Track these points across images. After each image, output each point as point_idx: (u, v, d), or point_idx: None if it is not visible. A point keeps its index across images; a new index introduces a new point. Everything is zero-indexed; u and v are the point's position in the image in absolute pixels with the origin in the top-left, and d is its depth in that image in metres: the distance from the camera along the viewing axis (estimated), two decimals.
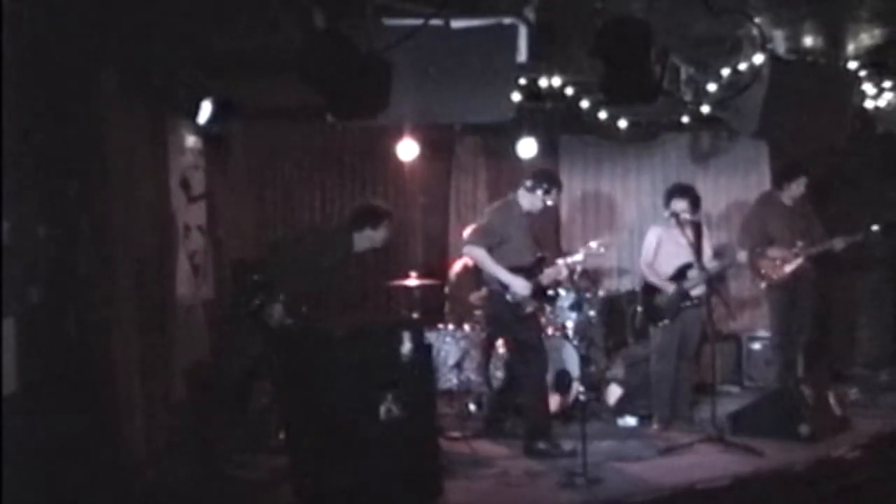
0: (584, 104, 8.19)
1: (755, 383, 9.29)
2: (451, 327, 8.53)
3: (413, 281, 8.46)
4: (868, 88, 8.13)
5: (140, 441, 6.20)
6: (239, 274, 7.37)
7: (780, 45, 7.28)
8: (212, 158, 7.80)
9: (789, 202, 8.47)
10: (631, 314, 9.06)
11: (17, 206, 4.60)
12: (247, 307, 6.65)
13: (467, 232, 7.46)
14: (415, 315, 8.38)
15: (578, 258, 7.61)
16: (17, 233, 4.60)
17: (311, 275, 6.75)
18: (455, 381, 8.15)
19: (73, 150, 5.36)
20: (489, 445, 7.24)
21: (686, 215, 7.60)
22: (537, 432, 6.98)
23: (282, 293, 6.65)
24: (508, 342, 7.51)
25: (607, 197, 10.53)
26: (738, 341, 9.57)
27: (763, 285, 8.60)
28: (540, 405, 7.11)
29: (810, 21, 6.97)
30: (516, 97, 7.48)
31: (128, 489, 5.61)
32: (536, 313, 7.31)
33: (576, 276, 7.75)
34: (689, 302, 7.65)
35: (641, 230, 9.08)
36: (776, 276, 8.37)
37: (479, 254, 7.08)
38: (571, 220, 10.46)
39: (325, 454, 5.46)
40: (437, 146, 9.80)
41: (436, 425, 6.42)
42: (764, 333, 9.24)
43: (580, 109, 8.27)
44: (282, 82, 6.74)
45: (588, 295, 8.69)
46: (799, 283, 8.40)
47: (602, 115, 8.49)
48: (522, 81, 7.59)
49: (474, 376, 8.23)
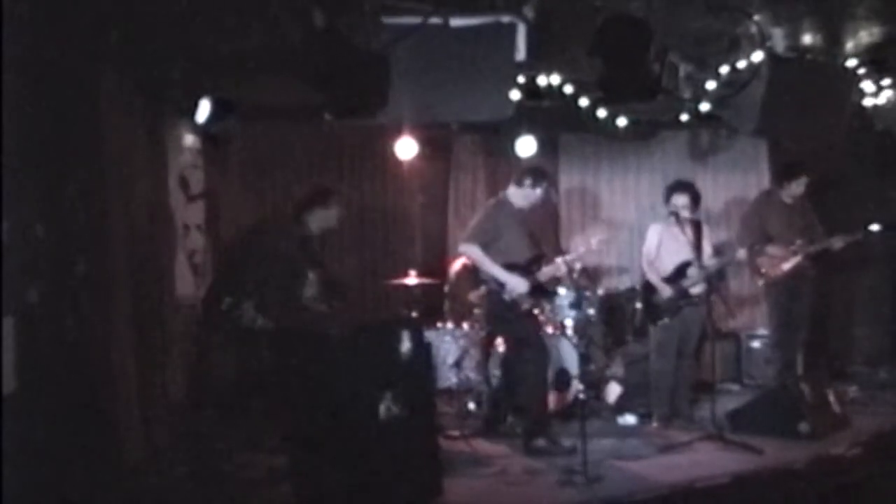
0: (584, 102, 8.18)
1: (754, 381, 9.28)
2: (451, 326, 8.53)
3: (412, 280, 8.46)
4: (867, 86, 8.12)
5: (139, 440, 6.20)
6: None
7: (779, 43, 7.28)
8: (211, 157, 7.80)
9: (789, 200, 8.47)
10: (630, 312, 9.06)
11: (16, 206, 4.59)
12: (217, 310, 6.51)
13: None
14: (414, 314, 8.38)
15: (576, 255, 7.61)
16: (16, 232, 4.59)
17: (274, 266, 6.61)
18: (454, 380, 8.15)
19: (72, 150, 5.35)
20: (488, 444, 7.24)
21: (686, 213, 7.60)
22: (537, 430, 6.98)
23: (249, 291, 6.52)
24: (507, 340, 7.50)
25: (606, 195, 10.52)
26: (738, 339, 9.56)
27: (762, 283, 8.60)
28: (539, 403, 7.10)
29: (809, 19, 6.97)
30: (515, 95, 7.47)
31: (126, 489, 5.61)
32: (534, 311, 7.31)
33: (575, 275, 7.74)
34: (689, 300, 7.65)
35: (641, 228, 9.08)
36: (775, 275, 8.36)
37: (474, 251, 7.09)
38: (571, 219, 10.45)
39: (325, 453, 5.46)
40: (436, 145, 9.80)
41: (435, 424, 6.41)
42: (763, 331, 9.25)
43: (579, 108, 8.25)
44: (281, 81, 6.75)
45: (587, 293, 8.68)
46: (798, 282, 8.40)
47: (601, 114, 8.48)
48: (521, 80, 7.57)
49: (473, 375, 8.22)
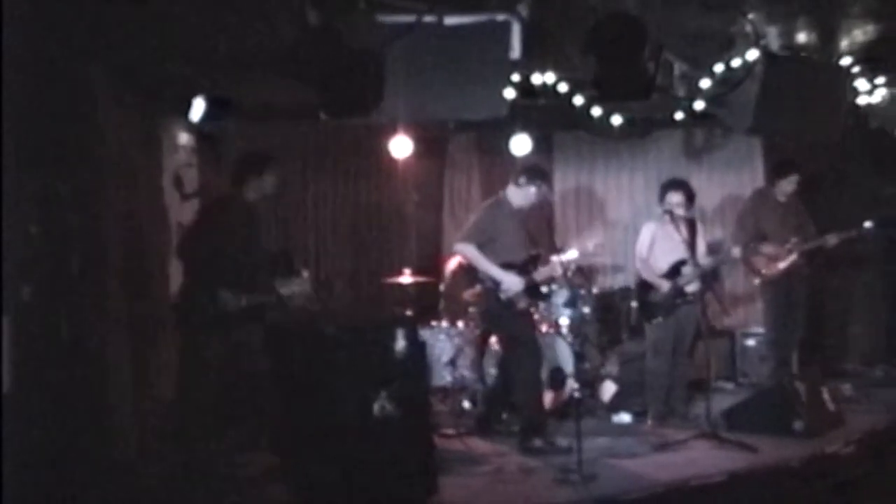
0: (578, 101, 8.17)
1: (749, 380, 9.29)
2: (446, 324, 8.54)
3: (407, 278, 8.45)
4: (861, 84, 8.13)
5: (133, 439, 6.19)
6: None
7: (774, 42, 7.28)
8: (205, 156, 7.79)
9: (782, 198, 8.48)
10: (625, 311, 9.07)
11: (11, 205, 4.59)
12: (197, 308, 6.23)
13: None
14: (409, 312, 8.38)
15: (573, 256, 7.61)
16: (10, 231, 4.59)
17: (227, 244, 6.37)
18: (449, 379, 8.15)
19: (67, 149, 5.35)
20: (483, 442, 7.23)
21: (681, 211, 7.60)
22: (532, 429, 6.98)
23: (219, 277, 6.28)
24: (502, 339, 7.50)
25: (601, 194, 10.53)
26: (733, 338, 9.56)
27: (757, 282, 8.61)
28: (534, 402, 7.10)
29: (803, 17, 6.98)
30: (510, 94, 7.47)
31: (121, 487, 5.60)
32: (530, 310, 7.30)
33: (570, 273, 7.73)
34: (684, 298, 7.65)
35: (635, 227, 9.08)
36: (770, 273, 8.37)
37: (470, 251, 7.08)
38: (565, 217, 10.46)
39: (319, 452, 5.45)
40: (431, 143, 9.80)
41: (430, 422, 6.40)
42: (758, 330, 9.25)
43: (574, 106, 8.25)
44: (275, 80, 6.73)
45: (582, 292, 8.69)
46: (793, 280, 8.41)
47: (596, 112, 8.47)
48: (516, 78, 7.57)
49: (468, 373, 8.22)
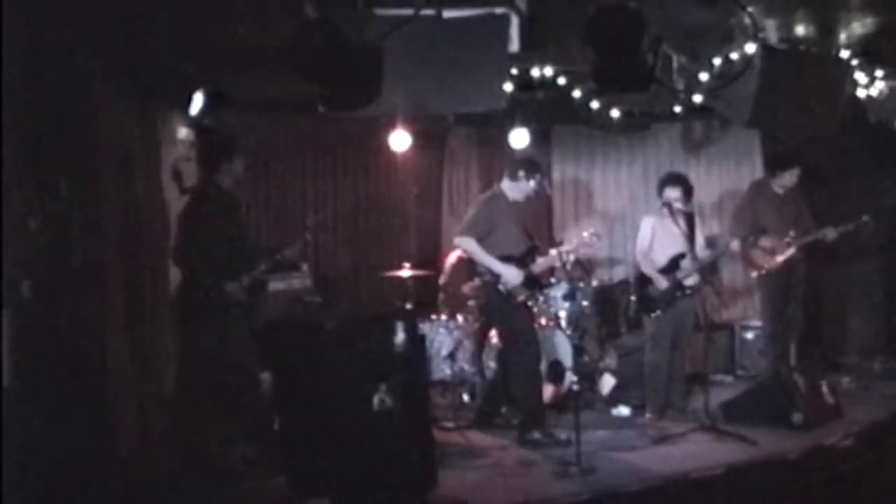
0: (577, 94, 8.17)
1: (748, 373, 9.30)
2: (445, 318, 8.53)
3: (406, 272, 8.46)
4: (860, 77, 8.12)
5: (133, 434, 6.20)
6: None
7: (773, 34, 7.28)
8: (204, 150, 7.78)
9: (780, 191, 8.46)
10: (624, 304, 9.07)
11: (9, 199, 4.58)
12: (204, 302, 6.24)
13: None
14: (408, 306, 8.38)
15: (570, 248, 7.61)
16: (9, 227, 4.59)
17: (217, 235, 6.38)
18: (448, 372, 8.14)
19: (65, 143, 5.34)
20: (483, 436, 7.24)
21: (679, 205, 7.60)
22: (531, 422, 6.99)
23: (220, 269, 6.30)
24: (502, 332, 7.51)
25: (600, 187, 10.53)
26: (731, 331, 9.58)
27: (755, 275, 8.61)
28: (533, 395, 7.11)
29: (802, 10, 6.98)
30: (508, 87, 7.47)
31: (121, 481, 5.61)
32: (529, 303, 7.31)
33: (568, 267, 7.74)
34: (683, 292, 7.66)
35: (634, 220, 9.09)
36: (768, 266, 8.37)
37: (470, 244, 7.09)
38: (564, 211, 10.46)
39: (319, 445, 5.46)
40: (430, 137, 9.80)
41: (429, 416, 6.42)
42: (757, 323, 9.25)
43: (572, 99, 8.25)
44: (273, 73, 6.72)
45: (581, 285, 8.69)
46: (791, 273, 8.40)
47: (594, 105, 8.47)
48: (514, 71, 7.57)
49: (468, 367, 8.23)
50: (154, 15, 5.74)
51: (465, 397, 8.22)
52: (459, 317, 8.48)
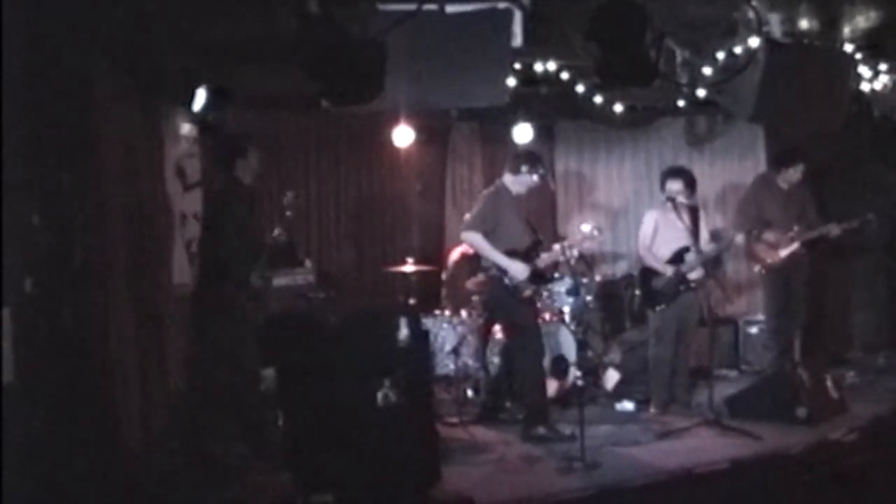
0: (580, 89, 8.17)
1: (752, 367, 9.30)
2: (448, 313, 8.54)
3: (410, 267, 8.45)
4: (864, 71, 8.10)
5: (137, 431, 6.19)
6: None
7: (776, 28, 7.25)
8: (207, 147, 7.77)
9: (785, 186, 8.46)
10: (628, 299, 9.07)
11: (11, 197, 4.58)
12: (237, 297, 6.40)
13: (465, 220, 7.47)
14: (412, 301, 8.38)
15: (572, 241, 7.61)
16: (13, 223, 4.58)
17: (242, 230, 6.56)
18: (452, 367, 8.15)
19: (67, 140, 5.33)
20: (487, 431, 7.25)
21: (682, 199, 7.59)
22: (535, 417, 6.99)
23: (249, 262, 6.48)
24: (505, 327, 7.50)
25: (603, 182, 10.53)
26: (735, 325, 9.57)
27: (759, 269, 8.60)
28: (537, 390, 7.11)
29: (806, 4, 6.96)
30: (511, 82, 7.46)
31: (125, 479, 5.61)
32: (533, 298, 7.31)
33: (572, 262, 7.74)
34: (687, 286, 7.65)
35: (637, 215, 9.07)
36: (772, 261, 8.36)
37: (476, 239, 7.08)
38: (567, 206, 10.46)
39: (323, 441, 5.46)
40: (433, 132, 9.79)
41: (433, 411, 6.42)
42: (761, 317, 9.24)
43: (576, 94, 8.25)
44: (276, 69, 6.72)
45: (585, 280, 8.68)
46: (795, 267, 8.40)
47: (597, 100, 8.47)
48: (517, 66, 7.56)
49: (471, 362, 8.23)
50: (157, 11, 5.73)
51: (469, 393, 8.22)
52: (463, 312, 8.49)
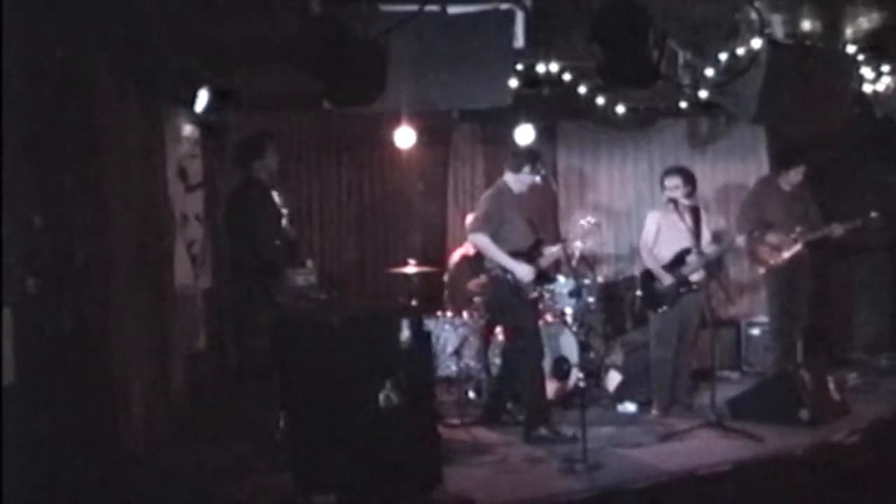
0: (582, 90, 8.17)
1: (754, 369, 9.29)
2: (450, 315, 8.53)
3: (411, 268, 8.45)
4: (866, 73, 8.11)
5: (138, 431, 6.20)
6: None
7: (778, 30, 7.25)
8: (209, 147, 7.78)
9: (787, 187, 8.46)
10: (630, 300, 9.06)
11: (15, 197, 4.59)
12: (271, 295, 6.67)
13: (469, 221, 7.46)
14: (413, 302, 8.37)
15: (571, 237, 7.60)
16: (15, 223, 4.59)
17: (269, 227, 6.81)
18: (454, 369, 8.14)
19: (70, 140, 5.34)
20: (488, 432, 7.23)
21: (678, 194, 7.57)
22: (537, 419, 6.98)
23: (281, 258, 6.72)
24: (506, 329, 7.50)
25: (605, 183, 10.51)
26: (737, 327, 9.56)
27: (761, 271, 8.59)
28: (537, 392, 7.10)
29: (808, 5, 6.96)
30: (513, 83, 7.46)
31: (125, 478, 5.61)
32: (537, 300, 7.31)
33: (574, 262, 7.73)
34: (688, 287, 7.64)
35: (639, 216, 9.07)
36: (774, 262, 8.36)
37: (484, 240, 7.05)
38: (569, 207, 10.44)
39: (324, 442, 5.46)
40: (435, 133, 9.78)
41: (435, 412, 6.41)
42: (763, 319, 9.23)
43: (578, 95, 8.25)
44: (278, 70, 6.72)
45: (586, 281, 8.68)
46: (797, 269, 8.39)
47: (600, 101, 8.47)
48: (519, 67, 7.56)
49: (473, 363, 8.22)
50: (158, 11, 5.74)
51: (471, 394, 8.22)
52: (465, 313, 8.48)
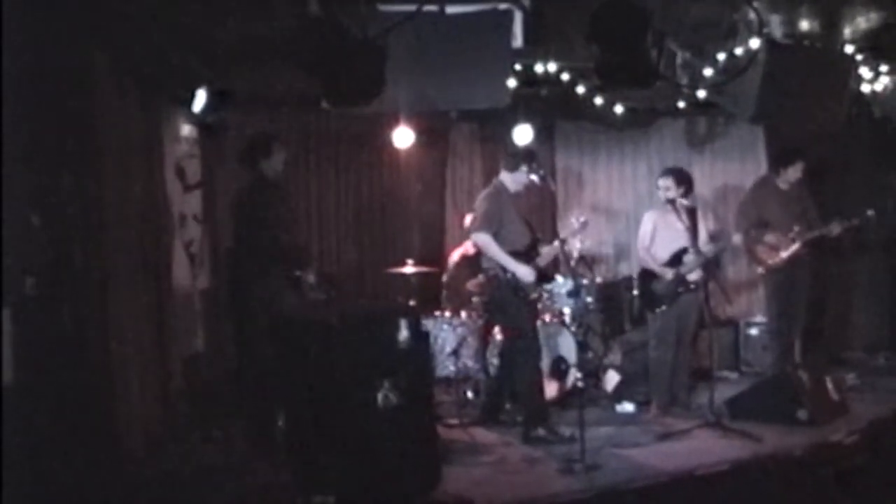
0: (580, 90, 8.16)
1: (752, 369, 9.28)
2: (449, 315, 8.53)
3: (410, 268, 8.45)
4: (864, 72, 8.11)
5: (137, 431, 6.19)
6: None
7: (777, 30, 7.25)
8: (207, 147, 7.77)
9: (785, 186, 8.45)
10: (628, 300, 9.06)
11: (11, 197, 4.58)
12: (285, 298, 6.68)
13: (469, 221, 7.46)
14: (412, 302, 8.37)
15: (565, 235, 7.61)
16: (13, 223, 4.58)
17: (282, 226, 6.87)
18: (452, 369, 8.14)
19: (68, 140, 5.33)
20: (487, 432, 7.23)
21: (675, 196, 7.57)
22: (535, 419, 6.98)
23: (297, 261, 6.79)
24: (504, 329, 7.50)
25: (604, 183, 10.52)
26: (736, 327, 9.55)
27: (760, 270, 8.59)
28: (535, 392, 7.10)
29: (806, 5, 6.96)
30: (512, 83, 7.46)
31: (124, 479, 5.60)
32: (537, 300, 7.32)
33: (572, 263, 7.73)
34: (686, 287, 7.64)
35: (638, 216, 9.06)
36: (773, 262, 8.36)
37: (486, 240, 7.04)
38: (568, 207, 10.43)
39: (324, 442, 5.46)
40: (433, 133, 9.78)
41: (433, 413, 6.41)
42: (761, 319, 9.24)
43: (576, 95, 8.24)
44: (277, 70, 6.72)
45: (585, 281, 8.68)
46: (796, 268, 8.39)
47: (598, 101, 8.47)
48: (518, 67, 7.56)
49: (472, 363, 8.23)
50: (158, 10, 5.73)
51: (469, 394, 8.22)
52: (463, 313, 8.49)
